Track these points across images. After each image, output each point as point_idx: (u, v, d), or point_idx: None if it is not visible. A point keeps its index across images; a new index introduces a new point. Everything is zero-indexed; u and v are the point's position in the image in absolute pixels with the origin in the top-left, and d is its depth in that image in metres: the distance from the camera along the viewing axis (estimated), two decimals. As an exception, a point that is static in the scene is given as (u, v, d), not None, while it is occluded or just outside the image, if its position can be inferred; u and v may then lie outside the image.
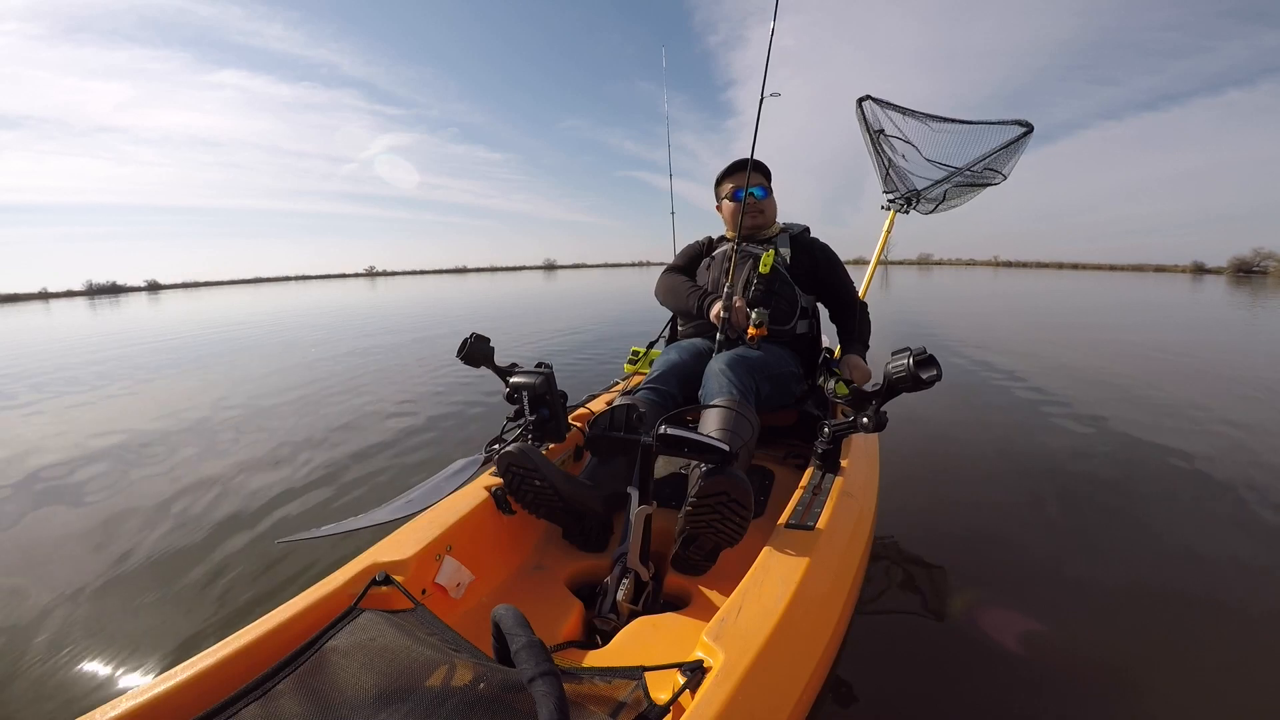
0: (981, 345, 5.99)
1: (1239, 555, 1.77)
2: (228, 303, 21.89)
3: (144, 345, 8.43)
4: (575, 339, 7.17)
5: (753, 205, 1.86)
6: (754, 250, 1.83)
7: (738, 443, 1.26)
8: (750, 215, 1.86)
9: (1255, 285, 23.83)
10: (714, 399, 1.38)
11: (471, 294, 20.64)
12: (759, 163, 1.86)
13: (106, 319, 15.33)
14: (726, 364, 1.48)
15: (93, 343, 9.15)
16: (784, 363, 1.65)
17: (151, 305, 23.06)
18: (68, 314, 20.00)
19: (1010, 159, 2.53)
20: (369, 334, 8.63)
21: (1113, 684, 1.24)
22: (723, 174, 1.96)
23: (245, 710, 0.64)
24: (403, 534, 1.06)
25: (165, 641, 1.48)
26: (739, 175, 1.90)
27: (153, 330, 10.97)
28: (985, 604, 1.52)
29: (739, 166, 1.90)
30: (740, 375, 1.45)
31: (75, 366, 6.57)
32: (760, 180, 1.89)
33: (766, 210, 1.89)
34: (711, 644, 0.74)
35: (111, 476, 2.78)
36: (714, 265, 1.93)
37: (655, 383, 1.58)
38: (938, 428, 3.06)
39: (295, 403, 4.20)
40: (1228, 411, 3.35)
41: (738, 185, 1.89)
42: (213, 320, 12.72)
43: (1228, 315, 9.82)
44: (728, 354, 1.55)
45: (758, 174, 1.88)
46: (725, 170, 1.95)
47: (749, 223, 1.87)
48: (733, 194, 1.91)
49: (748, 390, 1.43)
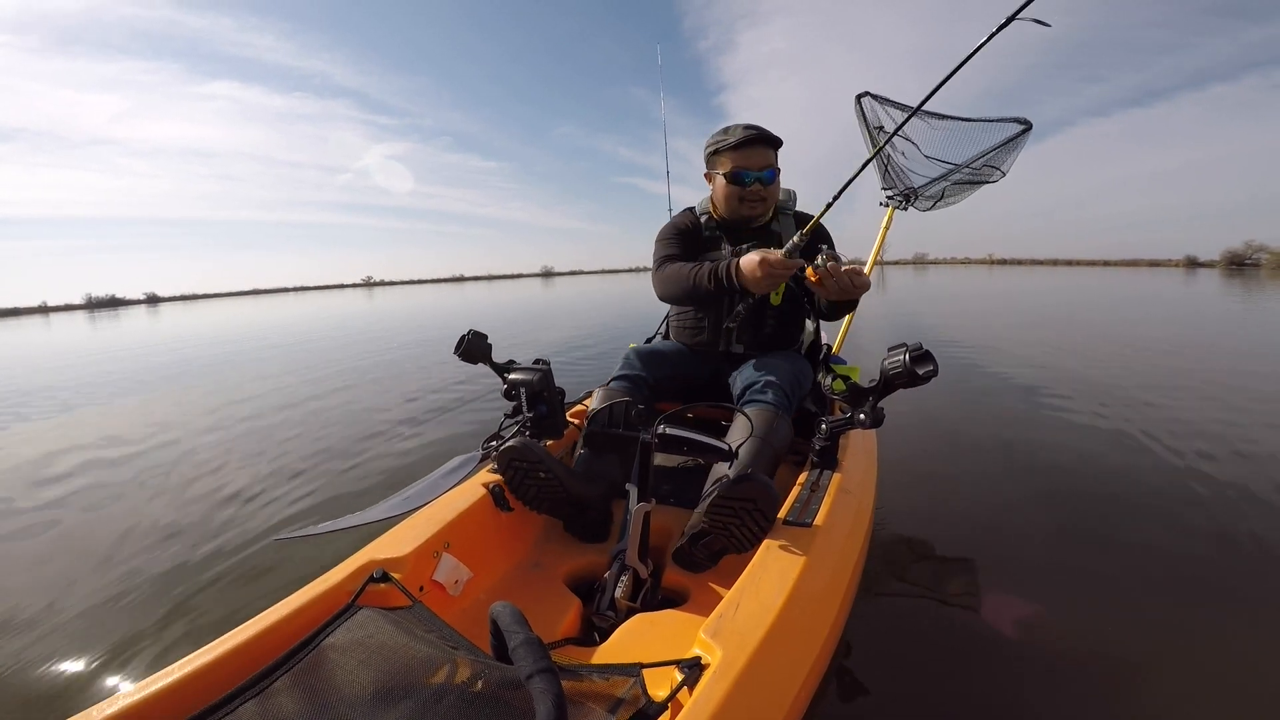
0: (977, 342, 5.99)
1: (1239, 543, 1.77)
2: (241, 315, 21.85)
3: (166, 357, 8.41)
4: (573, 337, 7.17)
5: (757, 193, 1.57)
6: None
7: (769, 451, 1.26)
8: (750, 205, 1.59)
9: (1248, 277, 23.94)
10: (758, 403, 1.36)
11: (472, 303, 20.54)
12: (773, 137, 1.56)
13: (119, 332, 15.21)
14: (773, 371, 1.43)
15: (107, 354, 9.14)
16: (808, 377, 1.58)
17: (158, 318, 22.98)
18: (76, 329, 19.92)
19: (1009, 156, 2.52)
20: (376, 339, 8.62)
21: (1113, 677, 1.25)
22: (725, 145, 1.55)
23: (242, 708, 0.64)
24: (400, 531, 1.06)
25: (161, 639, 1.47)
26: (749, 151, 1.53)
27: (181, 339, 10.95)
28: (984, 599, 1.52)
29: (752, 140, 1.52)
30: (787, 384, 1.41)
31: (92, 374, 6.55)
32: (772, 161, 1.57)
33: (770, 197, 1.60)
34: (709, 641, 0.74)
35: (111, 477, 2.77)
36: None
37: (625, 369, 1.57)
38: (936, 424, 3.06)
39: (296, 404, 4.19)
40: (1227, 404, 3.36)
41: (743, 165, 1.54)
42: (237, 333, 12.69)
43: (1221, 309, 9.84)
44: (778, 358, 1.49)
45: (771, 150, 1.56)
46: (732, 142, 1.54)
47: (748, 212, 1.61)
48: (734, 174, 1.55)
49: (792, 401, 1.42)
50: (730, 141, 1.53)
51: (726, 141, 1.54)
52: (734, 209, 1.60)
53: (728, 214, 1.64)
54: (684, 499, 1.37)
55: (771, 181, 1.57)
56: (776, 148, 1.57)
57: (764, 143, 1.53)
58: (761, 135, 1.52)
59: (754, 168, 1.54)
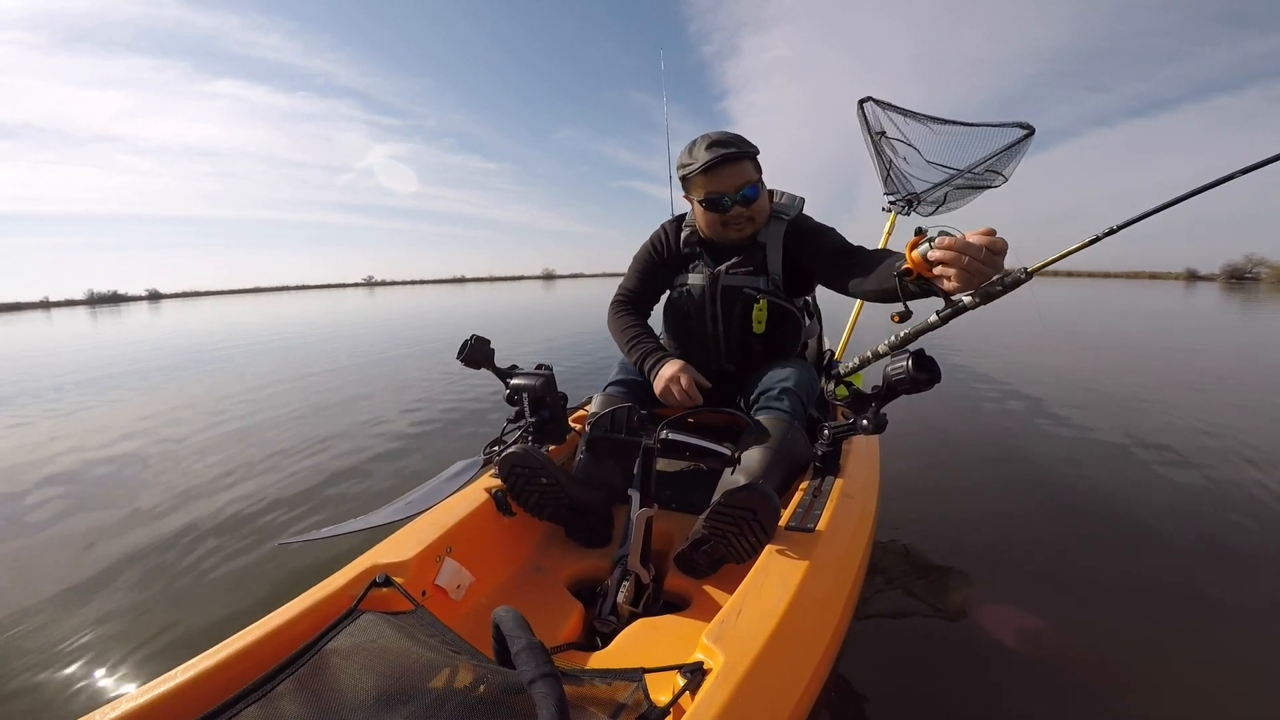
0: (980, 350, 5.98)
1: (1238, 552, 1.77)
2: (245, 313, 21.94)
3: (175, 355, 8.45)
4: (576, 342, 7.18)
5: (739, 215, 1.42)
6: (738, 284, 1.48)
7: (783, 462, 1.26)
8: (736, 227, 1.45)
9: (1248, 292, 23.92)
10: (772, 410, 1.35)
11: (476, 304, 20.60)
12: (745, 147, 1.36)
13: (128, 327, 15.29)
14: (788, 378, 1.40)
15: (117, 351, 9.18)
16: (817, 383, 1.52)
17: (161, 314, 23.10)
18: (78, 324, 20.02)
19: (1011, 161, 2.53)
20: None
21: (1113, 683, 1.24)
22: (693, 171, 1.37)
23: (245, 712, 0.64)
24: (403, 536, 1.06)
25: (165, 643, 1.48)
26: (719, 174, 1.36)
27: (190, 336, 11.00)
28: (986, 604, 1.52)
29: (720, 161, 1.34)
30: (803, 391, 1.39)
31: (102, 372, 6.58)
32: (750, 176, 1.39)
33: (757, 214, 1.45)
34: (711, 646, 0.74)
35: (110, 479, 2.78)
36: (690, 307, 1.54)
37: (624, 374, 1.57)
38: (938, 430, 3.06)
39: (297, 407, 4.21)
40: (1225, 415, 3.35)
41: (717, 189, 1.38)
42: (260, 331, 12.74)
43: (1221, 321, 9.79)
44: (791, 365, 1.46)
45: (746, 163, 1.37)
46: (698, 167, 1.36)
47: (736, 235, 1.47)
48: (709, 200, 1.40)
49: (805, 409, 1.40)
50: (696, 167, 1.36)
51: (692, 167, 1.38)
52: (719, 234, 1.47)
53: (714, 237, 1.51)
54: (686, 504, 1.37)
55: (755, 198, 1.41)
56: (753, 158, 1.39)
57: (735, 159, 1.36)
58: (728, 156, 1.34)
59: (729, 190, 1.38)
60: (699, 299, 1.53)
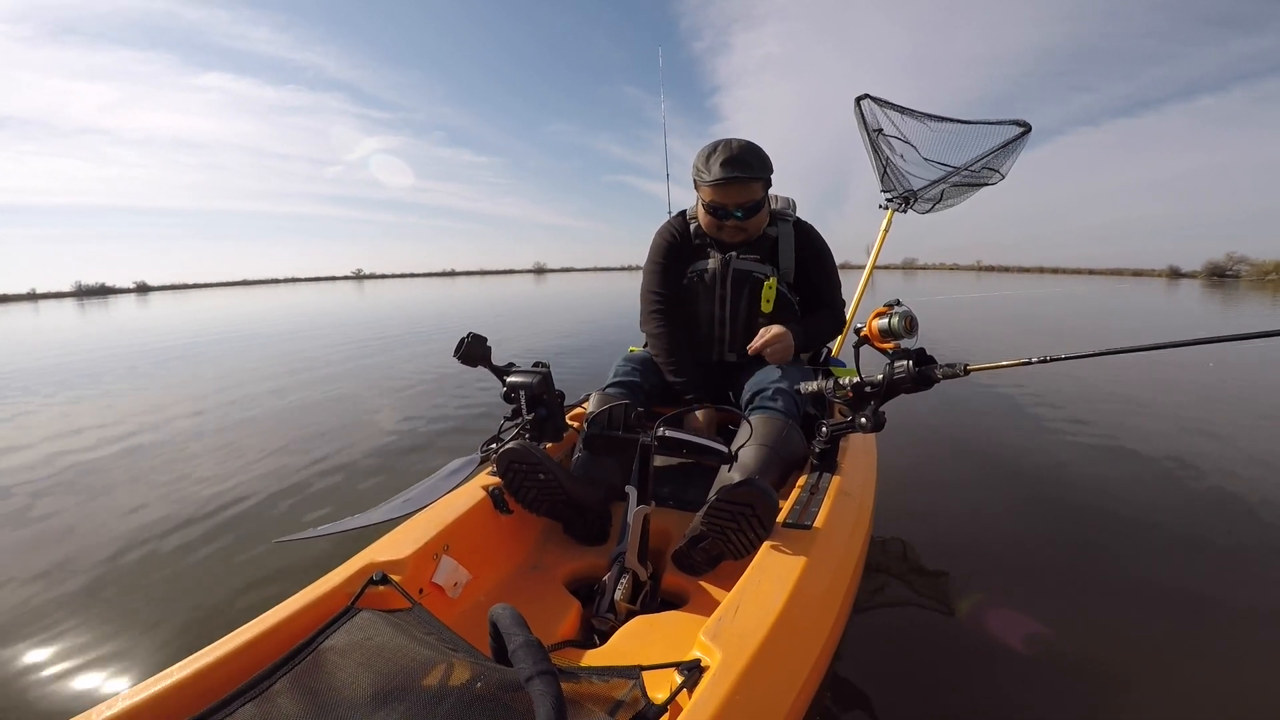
0: (978, 350, 6.00)
1: (1238, 553, 1.78)
2: (234, 306, 21.80)
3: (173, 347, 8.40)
4: (572, 340, 7.17)
5: (735, 226, 1.54)
6: (749, 268, 1.58)
7: (778, 460, 1.27)
8: (730, 234, 1.57)
9: (1228, 289, 24.11)
10: (767, 410, 1.37)
11: (469, 296, 20.53)
12: (758, 171, 1.47)
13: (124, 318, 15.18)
14: (783, 377, 1.43)
15: (116, 342, 9.12)
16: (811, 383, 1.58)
17: (149, 306, 22.93)
18: (65, 316, 19.86)
19: (1008, 158, 2.53)
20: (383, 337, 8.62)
21: (1109, 680, 1.25)
22: (703, 181, 1.50)
23: (241, 710, 0.63)
24: (400, 534, 1.06)
25: (160, 642, 1.47)
26: (727, 190, 1.48)
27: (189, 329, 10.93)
28: (983, 602, 1.52)
29: (730, 179, 1.45)
30: (798, 394, 1.41)
31: (101, 361, 6.55)
32: (755, 196, 1.51)
33: (751, 228, 1.57)
34: (709, 643, 0.74)
35: (109, 477, 2.76)
36: (700, 290, 1.63)
37: (622, 374, 1.58)
38: (936, 429, 3.07)
39: (292, 405, 4.19)
40: (1222, 415, 3.37)
41: (720, 202, 1.50)
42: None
43: (1205, 321, 9.85)
44: (790, 366, 1.50)
45: (755, 184, 1.49)
46: (709, 180, 1.48)
47: (729, 240, 1.59)
48: (712, 208, 1.53)
49: (800, 408, 1.42)
50: (707, 179, 1.49)
51: (704, 177, 1.50)
52: (715, 235, 1.60)
53: (710, 235, 1.62)
54: (683, 501, 1.37)
55: (753, 214, 1.53)
56: (762, 177, 1.50)
57: (742, 181, 1.46)
58: (738, 177, 1.45)
59: (730, 206, 1.51)
60: (710, 281, 1.61)
